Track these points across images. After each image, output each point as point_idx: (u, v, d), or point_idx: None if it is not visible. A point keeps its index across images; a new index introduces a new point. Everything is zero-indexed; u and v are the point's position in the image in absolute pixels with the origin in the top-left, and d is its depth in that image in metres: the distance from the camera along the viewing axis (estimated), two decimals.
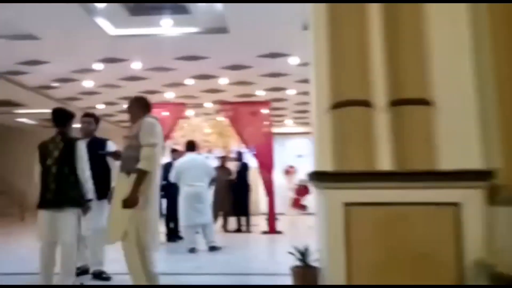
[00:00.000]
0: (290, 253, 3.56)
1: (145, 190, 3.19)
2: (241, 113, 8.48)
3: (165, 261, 5.35)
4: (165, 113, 8.56)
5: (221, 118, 9.48)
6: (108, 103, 11.38)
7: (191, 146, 6.26)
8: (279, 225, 8.51)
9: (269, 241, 7.66)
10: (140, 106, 3.55)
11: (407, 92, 3.05)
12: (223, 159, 9.15)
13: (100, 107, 11.76)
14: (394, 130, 3.06)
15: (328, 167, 3.07)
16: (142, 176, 3.15)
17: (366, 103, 3.09)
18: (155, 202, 3.42)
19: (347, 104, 3.10)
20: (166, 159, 7.99)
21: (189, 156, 6.11)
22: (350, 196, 2.80)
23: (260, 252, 6.63)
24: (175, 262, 5.25)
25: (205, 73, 8.74)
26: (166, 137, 8.47)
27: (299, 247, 3.52)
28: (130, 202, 3.08)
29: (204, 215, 5.81)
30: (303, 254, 3.40)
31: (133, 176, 3.17)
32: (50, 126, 12.21)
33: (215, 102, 9.61)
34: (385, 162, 3.05)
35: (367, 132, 3.04)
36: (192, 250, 5.79)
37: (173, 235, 6.84)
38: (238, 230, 8.86)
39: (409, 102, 3.09)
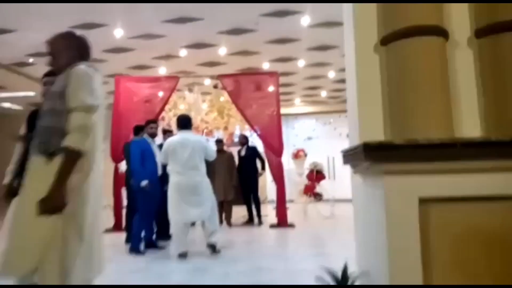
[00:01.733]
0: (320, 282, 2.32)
1: (78, 184, 1.94)
2: (244, 86, 7.20)
3: (145, 271, 4.20)
4: (153, 89, 7.30)
5: (221, 96, 8.17)
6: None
7: (183, 122, 4.74)
8: (289, 216, 7.32)
9: (280, 238, 6.44)
10: (68, 47, 2.29)
11: (507, 12, 1.83)
12: (219, 143, 7.88)
13: None
14: (484, 73, 1.86)
15: (378, 136, 1.86)
16: (72, 159, 1.90)
17: (440, 31, 1.88)
18: (97, 205, 2.11)
19: (409, 33, 1.90)
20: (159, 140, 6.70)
21: (181, 135, 4.65)
22: (429, 186, 1.58)
23: (270, 255, 5.02)
24: (158, 275, 4.06)
25: (200, 41, 7.45)
26: (157, 117, 7.28)
27: (332, 267, 2.30)
28: (50, 205, 1.82)
29: (201, 209, 4.50)
30: (344, 278, 2.13)
31: (58, 160, 1.93)
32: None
33: (213, 78, 8.33)
34: (471, 126, 1.84)
35: (443, 77, 1.83)
36: (183, 256, 4.55)
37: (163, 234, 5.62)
38: (250, 220, 7.69)
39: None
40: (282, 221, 7.05)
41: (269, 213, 9.15)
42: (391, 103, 1.90)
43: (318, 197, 8.16)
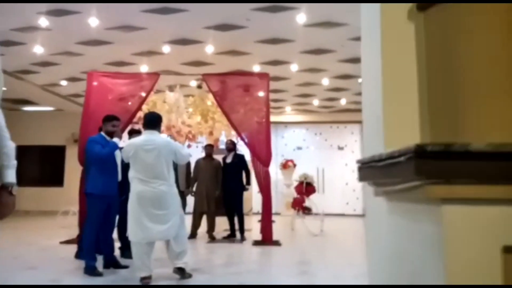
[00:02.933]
0: None
1: None
2: (231, 87, 6.51)
3: None
4: (130, 86, 6.57)
5: (206, 98, 7.47)
6: (71, 79, 9.41)
7: (149, 120, 3.95)
8: (275, 231, 6.61)
9: (263, 258, 5.69)
10: None
11: None
12: (209, 147, 7.18)
13: (63, 83, 9.80)
14: None
15: (414, 140, 1.22)
16: None
17: None
18: None
19: None
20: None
21: (146, 136, 3.88)
22: None
23: (250, 280, 4.15)
24: None
25: (184, 36, 6.79)
26: (132, 117, 6.56)
27: None
28: None
29: (167, 226, 3.70)
30: None
31: None
32: (12, 108, 9.83)
33: (199, 79, 7.66)
34: None
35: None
36: (146, 280, 3.75)
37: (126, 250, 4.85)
38: (231, 235, 6.94)
39: None
40: (266, 238, 6.35)
41: (253, 226, 8.45)
42: (434, 95, 1.26)
43: (307, 211, 7.50)
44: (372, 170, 1.23)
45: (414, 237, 1.09)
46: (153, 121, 3.97)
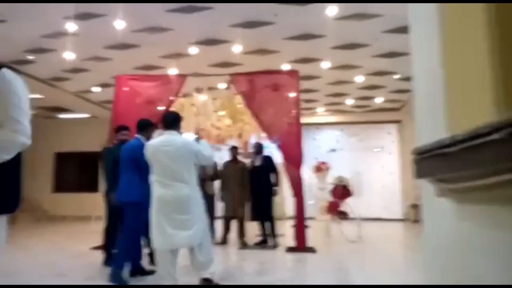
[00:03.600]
0: None
1: None
2: (260, 87, 6.25)
3: None
4: (157, 89, 6.45)
5: (234, 100, 7.23)
6: (102, 85, 9.47)
7: (168, 120, 3.74)
8: (309, 236, 6.24)
9: (298, 266, 5.33)
10: None
11: None
12: (234, 150, 6.92)
13: (95, 89, 9.88)
14: None
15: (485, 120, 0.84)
16: None
17: None
18: None
19: None
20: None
21: (164, 137, 3.66)
22: None
23: None
24: None
25: (211, 36, 6.60)
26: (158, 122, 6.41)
27: None
28: None
29: (190, 232, 3.44)
30: None
31: None
32: (49, 116, 9.94)
33: (227, 80, 7.44)
34: None
35: None
36: None
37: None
38: (263, 241, 6.65)
39: None
40: (300, 244, 6.01)
41: (287, 231, 8.10)
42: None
43: (343, 216, 7.07)
44: (437, 160, 0.90)
45: (499, 255, 0.76)
46: (171, 121, 3.74)
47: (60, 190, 13.43)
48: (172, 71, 8.11)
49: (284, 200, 11.63)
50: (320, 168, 11.81)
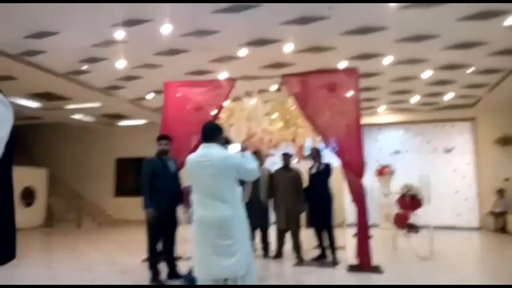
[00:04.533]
0: None
1: None
2: (314, 88, 5.71)
3: None
4: (206, 94, 6.15)
5: (286, 102, 6.73)
6: (155, 91, 9.45)
7: (206, 132, 3.33)
8: (373, 249, 5.53)
9: None
10: None
11: None
12: (286, 157, 6.40)
13: (148, 96, 9.92)
14: None
15: None
16: None
17: None
18: None
19: None
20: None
21: (202, 151, 3.27)
22: None
23: None
24: None
25: (260, 36, 6.18)
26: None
27: None
28: None
29: (233, 260, 2.98)
30: None
31: None
32: (109, 123, 10.18)
33: (278, 81, 6.97)
34: None
35: None
36: None
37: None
38: (322, 256, 6.11)
39: None
40: (364, 263, 5.37)
41: (347, 242, 7.47)
42: None
43: (413, 229, 6.29)
44: None
45: None
46: (210, 132, 3.33)
47: (122, 195, 13.81)
48: (223, 75, 7.82)
49: (343, 206, 10.92)
50: (383, 172, 10.97)
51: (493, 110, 10.43)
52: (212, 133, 3.33)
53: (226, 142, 5.89)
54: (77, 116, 12.10)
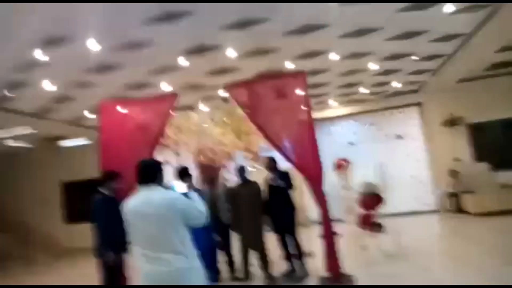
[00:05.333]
0: None
1: None
2: (261, 96, 5.38)
3: None
4: (147, 112, 5.65)
5: (235, 112, 6.36)
6: (95, 110, 8.73)
7: (141, 171, 2.79)
8: (341, 250, 5.25)
9: None
10: None
11: None
12: (243, 170, 5.93)
13: (91, 115, 9.18)
14: None
15: None
16: None
17: None
18: None
19: None
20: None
21: (141, 196, 2.75)
22: None
23: None
24: None
25: (199, 42, 5.78)
26: (153, 145, 5.63)
27: None
28: None
29: None
30: None
31: None
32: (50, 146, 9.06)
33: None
34: None
35: None
36: None
37: None
38: (291, 270, 5.78)
39: None
40: (335, 274, 5.11)
41: (314, 244, 7.19)
42: None
43: (377, 228, 6.16)
44: None
45: None
46: (147, 172, 2.78)
47: (72, 221, 12.87)
48: (165, 86, 7.33)
49: (305, 204, 10.78)
50: (341, 165, 10.92)
51: (438, 94, 10.67)
52: (151, 172, 2.80)
53: (184, 174, 5.39)
54: (11, 143, 11.05)
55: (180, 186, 2.98)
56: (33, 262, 10.96)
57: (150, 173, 2.79)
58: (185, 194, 2.91)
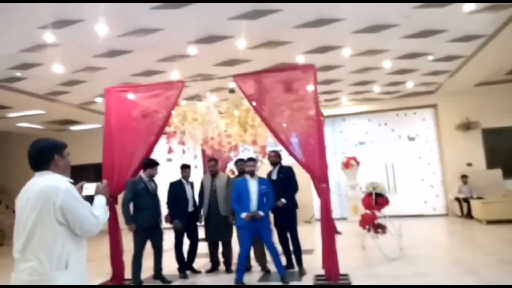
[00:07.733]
0: None
1: None
2: (269, 88, 5.26)
3: None
4: (152, 99, 5.58)
5: (241, 103, 6.23)
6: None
7: (33, 158, 2.21)
8: (341, 250, 5.08)
9: None
10: None
11: None
12: (240, 163, 5.91)
13: (99, 100, 9.18)
14: None
15: None
16: None
17: None
18: None
19: None
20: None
21: (29, 183, 2.21)
22: None
23: None
24: None
25: (210, 32, 5.68)
26: (159, 134, 5.57)
27: None
28: None
29: None
30: None
31: None
32: (60, 129, 9.15)
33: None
34: None
35: None
36: None
37: None
38: (289, 265, 5.71)
39: None
40: (330, 271, 5.01)
41: (315, 240, 7.09)
42: None
43: (380, 230, 6.01)
44: None
45: None
46: (37, 158, 2.21)
47: None
48: (174, 74, 7.26)
49: (312, 201, 10.66)
50: (349, 164, 10.75)
51: (454, 96, 10.39)
52: (42, 157, 2.21)
53: (150, 164, 5.39)
54: (23, 124, 11.16)
55: (90, 188, 2.13)
56: None
57: (41, 159, 2.22)
58: (90, 197, 2.36)
